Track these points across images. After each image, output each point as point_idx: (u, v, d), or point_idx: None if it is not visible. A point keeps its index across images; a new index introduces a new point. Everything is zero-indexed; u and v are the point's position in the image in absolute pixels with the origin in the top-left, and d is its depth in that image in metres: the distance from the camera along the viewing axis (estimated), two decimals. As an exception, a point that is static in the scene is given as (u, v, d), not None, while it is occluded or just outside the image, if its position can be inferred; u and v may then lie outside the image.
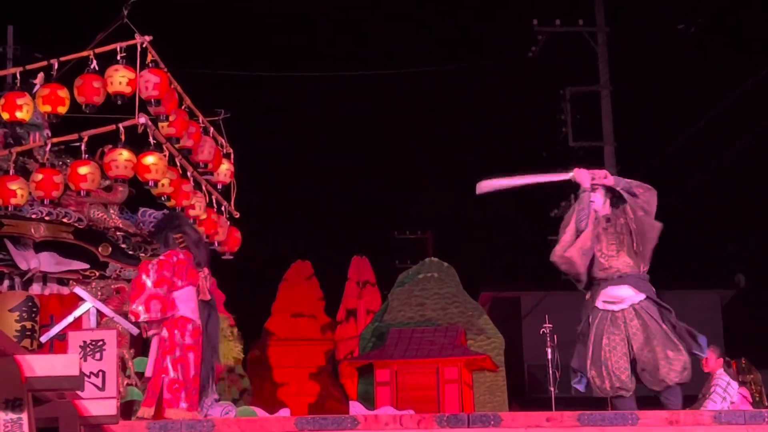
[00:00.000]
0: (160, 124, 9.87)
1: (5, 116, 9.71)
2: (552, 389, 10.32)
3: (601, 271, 8.30)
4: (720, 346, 11.07)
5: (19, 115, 9.63)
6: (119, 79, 9.40)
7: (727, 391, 10.29)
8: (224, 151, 11.18)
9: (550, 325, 10.65)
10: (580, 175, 8.38)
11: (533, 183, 8.70)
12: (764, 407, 11.26)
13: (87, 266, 10.71)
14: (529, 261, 28.38)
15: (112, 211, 10.75)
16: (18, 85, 9.71)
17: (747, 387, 11.37)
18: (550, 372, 10.37)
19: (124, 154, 9.44)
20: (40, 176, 9.61)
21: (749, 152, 23.95)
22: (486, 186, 8.68)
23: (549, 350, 10.52)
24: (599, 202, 8.42)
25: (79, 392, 5.72)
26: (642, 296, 8.14)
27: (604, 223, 8.39)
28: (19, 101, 9.61)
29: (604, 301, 8.19)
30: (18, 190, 9.59)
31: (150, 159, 9.56)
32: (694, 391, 10.94)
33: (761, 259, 29.56)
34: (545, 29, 23.10)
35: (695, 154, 23.38)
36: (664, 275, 8.33)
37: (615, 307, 8.15)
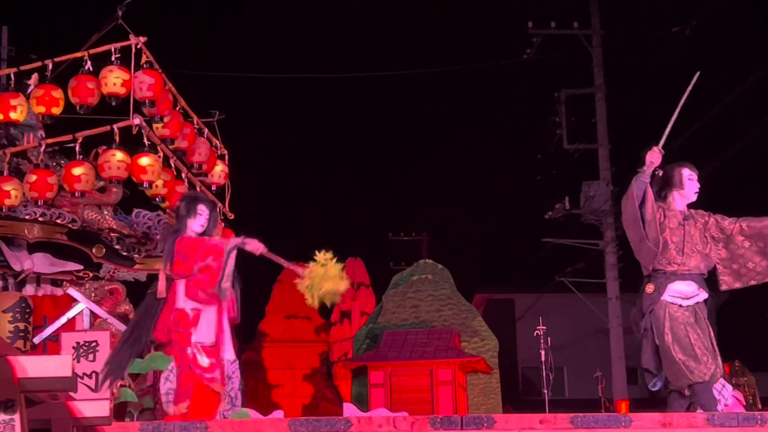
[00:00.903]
0: (154, 126, 9.86)
1: (-1, 117, 9.70)
2: (545, 391, 10.34)
3: (669, 265, 8.27)
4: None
5: (13, 115, 9.62)
6: (113, 80, 9.40)
7: (722, 393, 10.28)
8: (219, 152, 11.17)
9: (544, 327, 10.68)
10: (655, 154, 8.49)
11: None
12: (757, 409, 11.29)
13: (81, 267, 10.70)
14: (523, 263, 28.47)
15: (106, 212, 10.74)
16: (12, 85, 9.70)
17: (740, 390, 11.38)
18: (544, 374, 10.39)
19: (117, 155, 9.43)
20: (34, 177, 9.60)
21: (744, 156, 24.00)
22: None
23: (542, 352, 10.54)
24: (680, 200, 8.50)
25: (71, 393, 5.71)
26: (705, 295, 8.18)
27: (680, 217, 8.40)
28: (13, 102, 9.59)
29: (672, 296, 8.16)
30: (12, 190, 9.58)
31: (145, 160, 9.55)
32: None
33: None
34: (540, 32, 23.12)
35: (689, 157, 23.39)
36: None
37: (684, 302, 8.14)
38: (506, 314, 27.59)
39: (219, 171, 11.15)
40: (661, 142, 8.42)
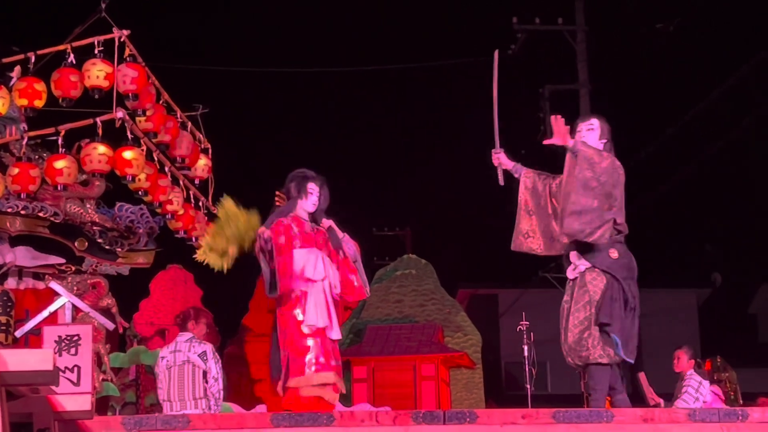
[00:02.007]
0: (137, 119, 9.82)
1: (-19, 110, 9.63)
2: (528, 387, 10.35)
3: None
4: (696, 344, 11.13)
5: (-5, 108, 9.57)
6: (96, 73, 9.35)
7: (699, 391, 10.33)
8: (202, 146, 11.14)
9: (527, 323, 10.68)
10: (493, 156, 8.34)
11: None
12: (739, 405, 11.31)
13: (63, 261, 10.66)
14: (507, 259, 28.45)
15: (88, 206, 10.71)
16: (-6, 78, 9.66)
17: (722, 385, 11.41)
18: (527, 369, 10.39)
19: (99, 149, 9.40)
20: (16, 170, 9.56)
21: (727, 152, 24.08)
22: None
23: (525, 348, 10.54)
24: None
25: (53, 387, 5.69)
26: (586, 264, 7.84)
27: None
28: (-5, 94, 9.54)
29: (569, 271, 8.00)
30: (-6, 184, 9.54)
31: (129, 153, 9.52)
32: (668, 390, 10.99)
33: (737, 258, 29.71)
34: (525, 27, 23.15)
35: (674, 154, 23.50)
36: (641, 274, 8.19)
37: (571, 275, 7.98)
38: (490, 309, 27.63)
39: (202, 165, 11.11)
40: (496, 143, 8.31)
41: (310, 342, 8.28)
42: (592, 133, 8.05)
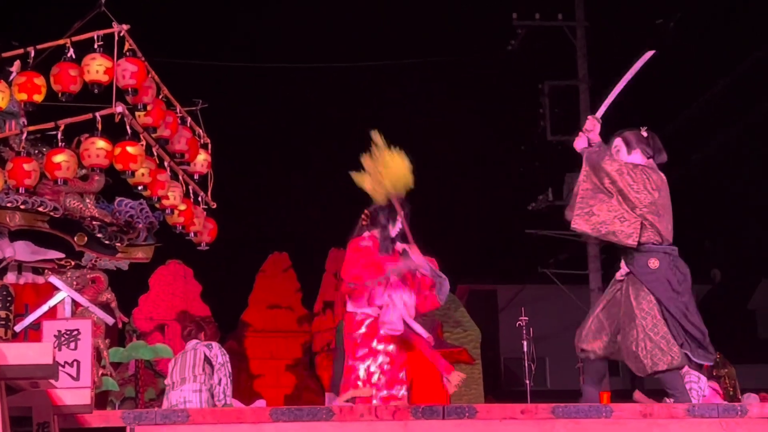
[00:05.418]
0: (137, 114, 9.82)
1: (-19, 104, 9.63)
2: (528, 382, 10.35)
3: None
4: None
5: (-6, 102, 9.57)
6: (96, 67, 9.35)
7: (699, 385, 10.34)
8: (201, 141, 11.14)
9: (526, 318, 10.67)
10: (588, 121, 8.38)
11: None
12: (738, 401, 11.33)
13: (62, 255, 10.66)
14: (506, 254, 28.49)
15: (88, 201, 10.71)
16: (-6, 72, 9.66)
17: (721, 381, 11.42)
18: (526, 365, 10.39)
19: (97, 143, 9.39)
20: (11, 165, 9.56)
21: (725, 149, 24.09)
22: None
23: (525, 343, 10.54)
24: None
25: (53, 382, 5.69)
26: (626, 270, 7.85)
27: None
28: (-5, 89, 9.54)
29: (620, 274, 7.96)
30: (-7, 178, 9.54)
31: (132, 148, 9.52)
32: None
33: (736, 254, 29.74)
34: (524, 23, 23.15)
35: (672, 150, 23.47)
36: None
37: (618, 277, 7.92)
38: (489, 305, 27.66)
39: (202, 160, 11.12)
40: (599, 113, 8.37)
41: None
42: (619, 154, 8.20)
